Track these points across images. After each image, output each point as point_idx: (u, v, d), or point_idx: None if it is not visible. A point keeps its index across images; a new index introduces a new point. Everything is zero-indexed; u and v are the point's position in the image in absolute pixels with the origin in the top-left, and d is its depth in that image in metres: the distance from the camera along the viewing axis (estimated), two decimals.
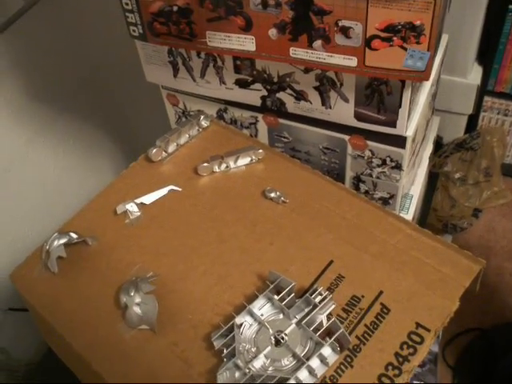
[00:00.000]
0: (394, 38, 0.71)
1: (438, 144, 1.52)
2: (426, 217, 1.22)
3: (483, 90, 1.41)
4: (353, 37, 0.72)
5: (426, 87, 0.89)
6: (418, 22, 0.69)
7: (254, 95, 0.87)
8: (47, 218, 1.18)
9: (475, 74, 1.37)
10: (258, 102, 0.88)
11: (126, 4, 0.80)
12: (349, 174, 0.92)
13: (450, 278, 0.68)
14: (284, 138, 0.93)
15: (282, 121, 0.90)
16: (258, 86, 0.86)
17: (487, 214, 1.48)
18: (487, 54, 1.36)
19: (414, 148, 0.89)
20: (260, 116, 0.92)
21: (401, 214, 0.96)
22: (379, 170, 0.89)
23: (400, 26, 0.70)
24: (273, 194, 0.76)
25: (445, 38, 0.97)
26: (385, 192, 0.92)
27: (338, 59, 0.75)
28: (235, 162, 0.81)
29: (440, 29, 0.81)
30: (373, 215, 0.75)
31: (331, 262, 0.70)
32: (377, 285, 0.68)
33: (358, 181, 0.93)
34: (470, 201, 1.45)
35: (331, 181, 0.79)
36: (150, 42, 0.84)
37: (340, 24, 0.72)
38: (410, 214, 0.97)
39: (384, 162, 0.88)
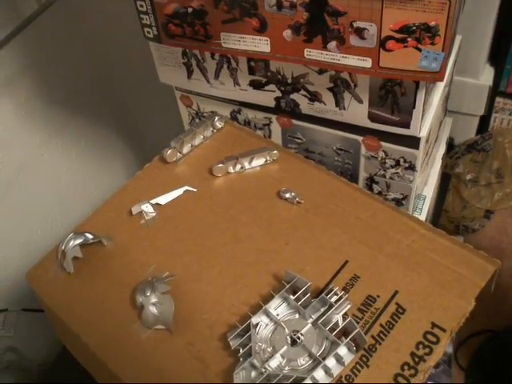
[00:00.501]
0: (409, 39, 0.71)
1: (450, 145, 1.52)
2: (439, 218, 1.22)
3: (495, 91, 1.41)
4: (367, 38, 0.72)
5: (440, 88, 0.89)
6: (432, 23, 0.69)
7: (267, 96, 0.88)
8: (60, 219, 1.19)
9: (487, 75, 1.37)
10: (271, 103, 0.89)
11: (141, 6, 0.81)
12: (362, 175, 0.93)
13: (465, 278, 0.68)
14: (298, 139, 0.93)
15: (295, 122, 0.91)
16: (272, 87, 0.86)
17: (499, 216, 1.48)
18: (499, 55, 1.36)
19: (427, 149, 0.90)
20: (274, 117, 0.92)
21: (414, 215, 0.96)
22: (393, 170, 0.89)
23: (415, 27, 0.70)
24: (288, 195, 0.77)
25: (458, 39, 0.97)
26: (398, 193, 0.92)
27: (352, 60, 0.75)
28: (250, 162, 0.81)
29: (454, 29, 0.81)
30: (387, 215, 0.75)
31: (346, 262, 0.70)
32: (392, 285, 0.68)
33: (371, 182, 0.93)
34: (482, 202, 1.45)
35: (346, 181, 0.79)
36: (164, 44, 0.84)
37: (355, 25, 0.72)
38: (423, 215, 0.97)
39: (398, 163, 0.88)
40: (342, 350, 0.62)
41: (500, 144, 1.43)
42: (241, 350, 0.63)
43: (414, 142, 0.84)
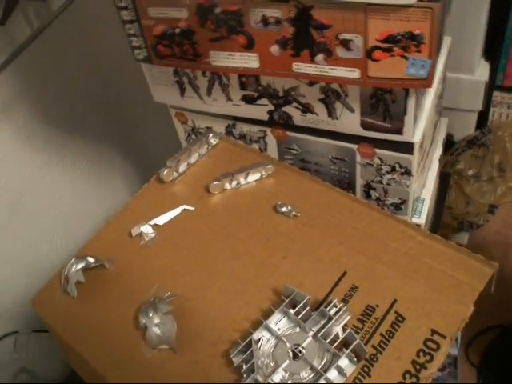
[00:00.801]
0: (395, 48, 0.72)
1: (449, 142, 1.52)
2: (440, 218, 1.22)
3: (492, 86, 1.41)
4: (354, 49, 0.73)
5: (431, 92, 0.89)
6: (417, 31, 0.69)
7: (260, 110, 0.88)
8: (65, 239, 1.20)
9: (482, 70, 1.37)
10: (265, 117, 0.89)
11: (130, 29, 0.82)
12: (359, 182, 0.93)
13: (463, 282, 0.69)
14: (293, 150, 0.94)
15: (290, 133, 0.91)
16: (264, 100, 0.87)
17: (503, 210, 1.47)
18: (493, 50, 1.36)
19: (422, 153, 0.90)
20: (268, 130, 0.93)
21: (413, 218, 0.97)
22: (389, 176, 0.90)
23: (400, 36, 0.70)
24: (284, 209, 0.77)
25: (447, 40, 0.97)
26: (396, 198, 0.93)
27: (340, 72, 0.76)
28: (246, 178, 0.82)
29: (441, 33, 0.81)
30: (384, 224, 0.75)
31: (344, 273, 0.71)
32: (390, 293, 0.68)
33: (368, 188, 0.93)
34: (485, 197, 1.45)
35: (341, 192, 0.80)
36: (155, 64, 0.85)
37: (340, 37, 0.73)
38: (422, 218, 0.97)
39: (393, 169, 0.88)
40: (344, 362, 0.62)
41: (500, 138, 1.43)
42: (244, 366, 0.64)
43: (408, 147, 0.85)
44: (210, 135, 0.87)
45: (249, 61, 0.79)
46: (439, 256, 0.71)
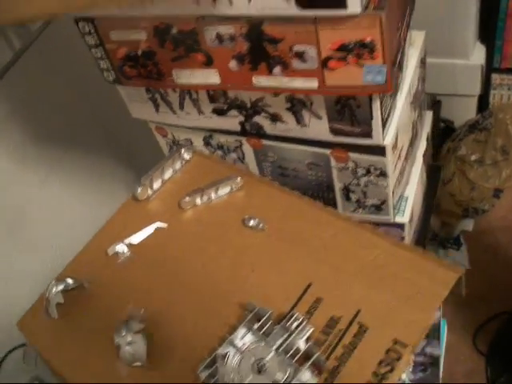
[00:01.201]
0: (349, 57, 0.71)
1: (450, 129, 1.50)
2: (430, 212, 1.21)
3: (489, 69, 1.38)
4: (309, 60, 0.73)
5: (403, 91, 0.88)
6: (367, 39, 0.69)
7: (232, 121, 0.89)
8: (69, 249, 1.23)
9: (479, 54, 1.34)
10: (237, 128, 0.90)
11: (96, 52, 0.83)
12: (337, 186, 0.93)
13: (427, 290, 0.68)
14: (270, 157, 0.94)
15: (264, 142, 0.92)
16: (234, 112, 0.88)
17: (509, 193, 1.44)
18: (488, 32, 1.33)
19: (398, 152, 0.89)
20: (244, 139, 0.93)
21: (396, 217, 0.96)
22: (365, 179, 0.89)
23: (352, 45, 0.70)
24: (252, 222, 0.78)
25: (421, 35, 0.96)
26: (375, 199, 0.93)
27: (299, 82, 0.76)
28: (216, 192, 0.83)
29: (396, 40, 0.80)
30: (350, 233, 0.76)
31: (310, 284, 0.72)
32: (355, 304, 0.69)
33: (347, 191, 0.93)
34: (490, 181, 1.42)
35: (309, 201, 0.80)
36: (124, 85, 0.87)
37: (294, 49, 0.73)
38: (406, 216, 0.96)
39: (368, 171, 0.88)
40: (305, 375, 0.63)
41: (501, 120, 1.40)
42: (212, 381, 0.65)
43: (380, 150, 0.84)
44: (183, 150, 0.88)
45: (210, 77, 0.79)
46: (405, 263, 0.71)
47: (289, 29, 0.71)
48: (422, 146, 1.07)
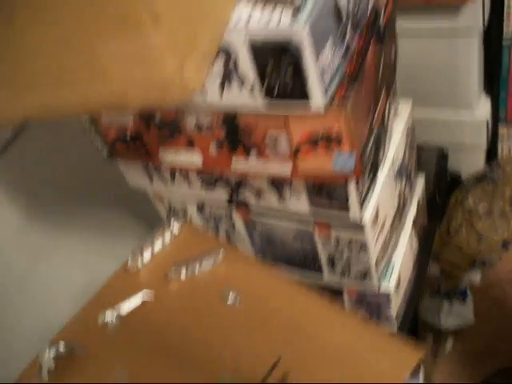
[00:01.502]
0: (319, 145, 0.75)
1: (456, 181, 1.50)
2: (424, 275, 1.22)
3: (496, 121, 1.38)
4: (281, 147, 0.77)
5: (385, 167, 0.91)
6: (335, 130, 0.72)
7: (221, 193, 0.93)
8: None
9: (484, 106, 1.35)
10: (225, 200, 0.94)
11: (89, 133, 0.89)
12: (322, 256, 0.96)
13: (387, 372, 0.71)
14: (258, 228, 0.98)
15: (252, 216, 0.96)
16: (221, 184, 0.92)
17: None
18: (492, 84, 1.34)
19: (380, 225, 0.91)
20: (234, 210, 0.97)
21: (382, 283, 0.98)
22: (347, 252, 0.92)
23: (320, 135, 0.73)
24: (230, 297, 0.82)
25: (407, 105, 0.99)
26: (360, 267, 0.95)
27: (273, 166, 0.80)
28: (200, 265, 0.87)
29: (367, 124, 0.83)
30: (320, 312, 0.78)
31: (278, 361, 0.75)
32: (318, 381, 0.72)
33: (332, 261, 0.96)
34: (498, 232, 1.42)
35: (285, 279, 0.84)
36: (117, 161, 0.92)
37: (267, 137, 0.77)
38: (392, 282, 0.98)
39: (350, 243, 0.91)
40: None
41: (509, 173, 1.40)
42: None
43: (359, 225, 0.87)
44: (173, 223, 0.92)
45: (193, 157, 0.84)
46: (369, 344, 0.74)
47: (261, 119, 0.75)
48: (411, 212, 1.08)
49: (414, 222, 1.08)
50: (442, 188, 1.44)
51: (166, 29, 0.58)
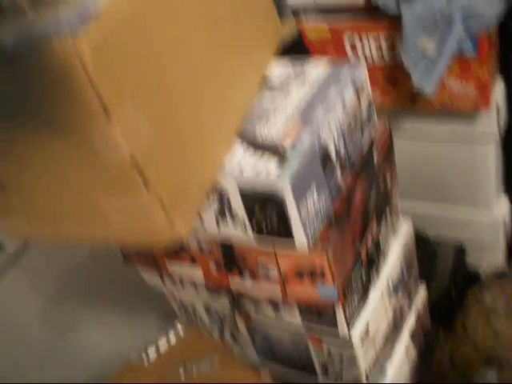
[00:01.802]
0: (304, 277, 0.81)
1: (475, 278, 1.52)
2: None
3: None
4: (271, 275, 0.84)
5: (378, 285, 0.96)
6: (318, 267, 0.79)
7: (224, 300, 1.00)
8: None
9: (502, 206, 1.38)
10: (228, 306, 1.01)
11: None
12: (316, 361, 1.01)
13: None
14: (258, 332, 1.04)
15: (252, 320, 1.02)
16: (225, 295, 0.99)
17: None
18: (510, 187, 1.36)
19: (371, 340, 0.96)
20: (237, 315, 1.04)
21: None
22: (339, 362, 0.97)
23: (305, 269, 0.80)
24: None
25: (407, 223, 1.04)
26: (352, 374, 0.99)
27: (265, 288, 0.86)
28: (197, 367, 0.94)
29: (352, 256, 0.88)
30: None
31: None
32: None
33: (325, 366, 1.01)
34: None
35: None
36: (132, 267, 1.01)
37: (259, 264, 0.84)
38: None
39: (341, 356, 0.95)
40: None
41: None
42: None
43: (348, 341, 0.92)
44: (178, 325, 1.00)
45: (196, 272, 0.92)
46: None
47: (253, 249, 0.82)
48: (409, 322, 1.11)
49: (412, 331, 1.11)
50: (458, 283, 1.46)
51: (157, 188, 0.66)
